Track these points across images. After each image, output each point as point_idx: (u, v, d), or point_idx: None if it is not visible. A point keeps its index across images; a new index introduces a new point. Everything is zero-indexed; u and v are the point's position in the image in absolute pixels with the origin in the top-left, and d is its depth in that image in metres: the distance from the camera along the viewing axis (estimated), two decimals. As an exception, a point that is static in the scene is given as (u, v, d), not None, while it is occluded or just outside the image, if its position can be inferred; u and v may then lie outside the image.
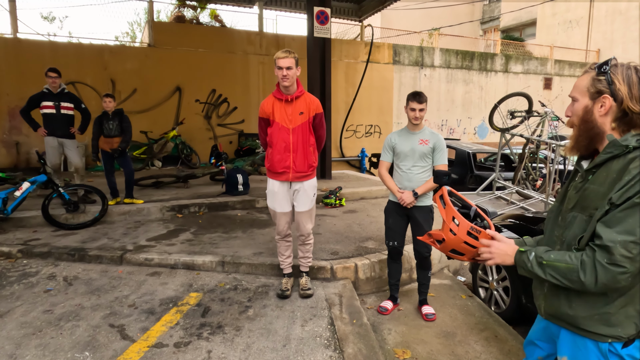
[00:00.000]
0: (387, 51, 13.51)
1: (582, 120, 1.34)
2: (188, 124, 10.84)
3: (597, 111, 1.31)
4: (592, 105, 1.32)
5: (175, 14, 12.11)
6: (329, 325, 2.97)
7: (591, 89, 1.32)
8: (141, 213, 5.65)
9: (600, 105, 1.30)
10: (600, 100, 1.30)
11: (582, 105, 1.34)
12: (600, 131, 1.32)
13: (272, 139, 3.26)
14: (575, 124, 1.37)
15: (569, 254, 1.28)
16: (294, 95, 3.22)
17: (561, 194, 1.51)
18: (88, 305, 3.16)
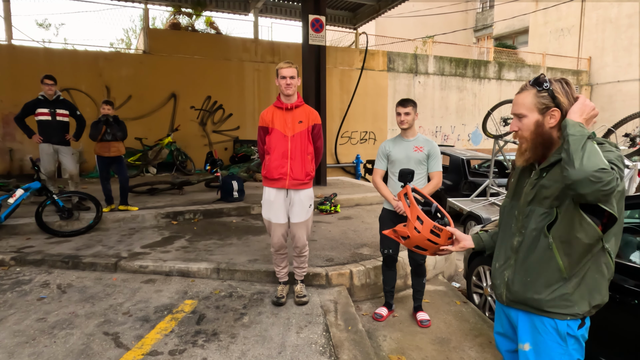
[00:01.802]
0: (381, 58, 13.62)
1: (536, 134, 1.48)
2: (183, 131, 10.84)
3: (547, 123, 1.46)
4: (542, 118, 1.46)
5: (171, 21, 12.15)
6: (324, 332, 2.97)
7: (538, 105, 1.46)
8: (136, 220, 5.64)
9: (550, 118, 1.46)
10: (549, 113, 1.45)
11: (533, 120, 1.48)
12: (552, 139, 1.49)
13: (270, 146, 3.29)
14: (526, 137, 1.50)
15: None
16: (294, 104, 3.29)
17: (512, 192, 1.67)
18: (82, 313, 3.14)
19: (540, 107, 1.46)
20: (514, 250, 1.59)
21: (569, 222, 1.42)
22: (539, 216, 1.49)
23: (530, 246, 1.52)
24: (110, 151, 5.68)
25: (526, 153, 1.51)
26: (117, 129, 5.67)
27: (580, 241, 1.41)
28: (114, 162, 5.79)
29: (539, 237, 1.49)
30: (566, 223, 1.42)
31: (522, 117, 1.49)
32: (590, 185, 1.23)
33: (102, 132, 5.60)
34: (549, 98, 1.44)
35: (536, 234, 1.50)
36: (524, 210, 1.55)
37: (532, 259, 1.51)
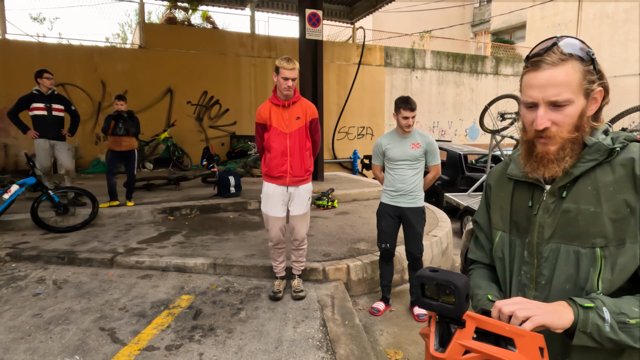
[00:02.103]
0: (378, 53, 13.57)
1: (575, 128, 0.96)
2: (179, 126, 10.80)
3: (589, 111, 0.98)
4: (587, 105, 0.97)
5: (167, 16, 12.07)
6: (321, 326, 2.97)
7: (586, 85, 0.95)
8: (132, 215, 5.61)
9: (593, 102, 0.98)
10: (593, 96, 0.97)
11: (579, 107, 0.95)
12: (583, 136, 0.98)
13: (270, 144, 3.27)
14: (564, 137, 0.96)
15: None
16: (291, 100, 3.27)
17: (507, 220, 1.11)
18: (78, 308, 3.13)
19: (587, 88, 0.95)
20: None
21: (624, 270, 0.91)
22: (570, 259, 0.97)
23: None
24: (122, 146, 5.71)
25: (565, 161, 0.97)
26: (130, 125, 5.73)
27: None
28: (125, 157, 5.82)
29: (574, 294, 0.95)
30: (623, 276, 0.91)
31: (564, 104, 0.94)
32: None
33: (112, 127, 5.63)
34: (594, 72, 0.95)
35: (570, 288, 0.97)
36: (541, 250, 1.01)
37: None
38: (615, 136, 0.99)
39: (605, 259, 0.92)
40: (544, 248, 1.01)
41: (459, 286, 0.81)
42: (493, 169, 1.24)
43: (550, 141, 0.97)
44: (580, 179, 0.98)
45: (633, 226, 0.91)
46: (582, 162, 0.97)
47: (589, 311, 0.86)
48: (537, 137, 0.98)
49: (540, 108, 0.96)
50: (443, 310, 0.84)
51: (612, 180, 0.94)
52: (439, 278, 0.83)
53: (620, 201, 0.92)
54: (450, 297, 0.82)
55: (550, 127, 0.96)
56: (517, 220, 1.09)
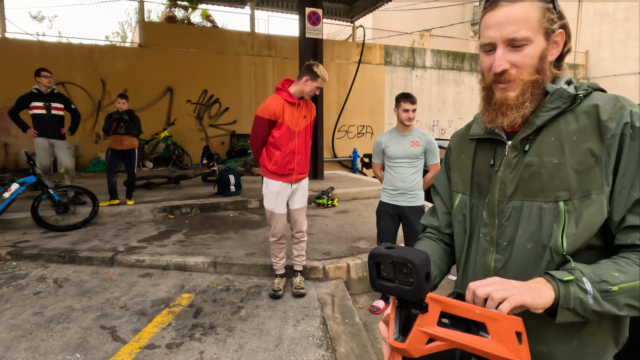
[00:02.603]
0: (378, 52, 13.56)
1: (536, 71, 0.91)
2: (179, 125, 10.80)
3: (550, 55, 0.93)
4: (547, 47, 0.92)
5: (167, 14, 12.06)
6: (322, 325, 2.98)
7: (546, 24, 0.90)
8: (132, 214, 5.62)
9: (553, 46, 0.93)
10: (553, 38, 0.92)
11: (539, 48, 0.90)
12: (544, 82, 0.93)
13: (279, 142, 3.28)
14: (524, 80, 0.91)
15: (630, 261, 0.83)
16: (301, 100, 3.32)
17: (467, 181, 1.05)
18: (79, 307, 3.14)
19: (547, 28, 0.90)
20: (492, 274, 0.96)
21: (590, 223, 0.85)
22: (532, 216, 0.90)
23: (524, 269, 0.92)
24: (123, 144, 5.73)
25: (524, 106, 0.92)
26: (132, 126, 5.76)
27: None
28: (126, 156, 5.84)
29: (537, 253, 0.90)
30: (588, 230, 0.85)
31: (523, 43, 0.89)
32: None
33: (114, 127, 5.65)
34: (554, 12, 0.91)
35: (533, 247, 0.90)
36: (503, 208, 0.95)
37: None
38: (577, 85, 0.94)
39: (569, 213, 0.86)
40: (506, 206, 0.95)
41: (417, 264, 0.70)
42: (455, 132, 1.19)
43: (509, 86, 0.92)
44: (543, 130, 0.93)
45: (599, 176, 0.85)
46: (543, 112, 0.92)
47: (569, 285, 0.79)
48: (496, 82, 0.94)
49: (499, 49, 0.91)
50: (401, 293, 0.73)
51: (576, 129, 0.89)
52: (394, 255, 0.72)
53: (585, 150, 0.87)
54: (408, 277, 0.72)
55: (509, 70, 0.91)
56: (478, 182, 1.03)
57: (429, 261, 0.73)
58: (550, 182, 0.89)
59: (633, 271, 0.80)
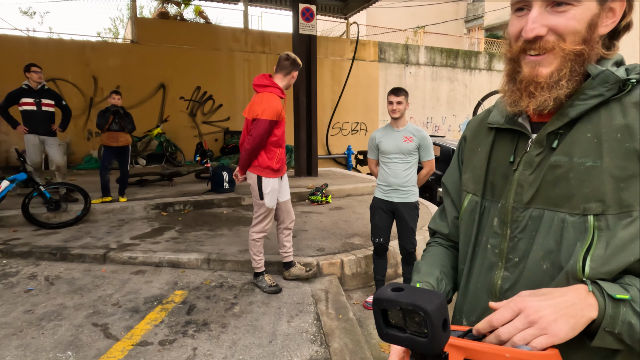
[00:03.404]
0: (372, 49, 13.55)
1: (585, 42, 0.71)
2: (172, 122, 10.73)
3: (602, 26, 0.73)
4: (599, 14, 0.72)
5: (159, 10, 11.95)
6: (315, 320, 2.98)
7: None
8: (125, 211, 5.58)
9: (607, 16, 0.73)
10: (609, 4, 0.72)
11: (589, 13, 0.71)
12: (589, 60, 0.73)
13: (282, 139, 3.32)
14: (562, 47, 0.71)
15: None
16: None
17: (481, 180, 0.87)
18: (70, 304, 3.11)
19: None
20: (497, 297, 0.81)
21: (625, 248, 0.66)
22: (552, 230, 0.74)
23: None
24: (119, 141, 5.73)
25: (559, 86, 0.72)
26: (127, 122, 5.73)
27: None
28: (120, 153, 5.82)
29: (554, 276, 0.73)
30: (623, 256, 0.66)
31: (568, 4, 0.70)
32: None
33: (110, 122, 5.60)
34: None
35: (549, 268, 0.74)
36: (517, 216, 0.79)
37: None
38: (631, 67, 0.74)
39: (599, 231, 0.68)
40: (522, 215, 0.77)
41: (430, 312, 0.57)
42: (472, 119, 0.99)
43: (544, 59, 0.72)
44: (578, 124, 0.73)
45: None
46: (581, 100, 0.72)
47: (620, 305, 0.63)
48: (525, 51, 0.74)
49: (534, 8, 0.71)
50: (414, 345, 0.60)
51: (622, 125, 0.69)
52: (403, 301, 0.59)
53: (631, 153, 0.67)
54: (421, 327, 0.59)
55: (545, 36, 0.71)
56: (493, 181, 0.85)
57: (445, 306, 0.60)
58: (580, 190, 0.70)
59: None
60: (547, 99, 0.72)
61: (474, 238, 0.88)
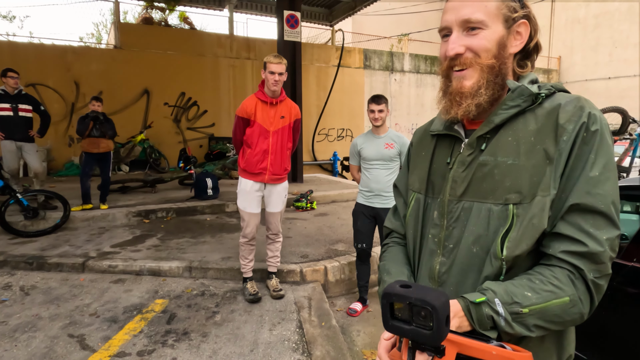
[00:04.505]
0: (357, 56, 13.65)
1: (494, 57, 0.87)
2: (156, 128, 10.61)
3: (511, 46, 0.89)
4: (507, 36, 0.88)
5: (143, 16, 11.86)
6: (298, 328, 2.95)
7: (505, 11, 0.87)
8: (106, 219, 5.48)
9: (515, 37, 0.89)
10: (515, 29, 0.88)
11: (497, 35, 0.86)
12: (505, 77, 0.89)
13: (252, 140, 3.26)
14: (478, 62, 0.87)
15: (544, 279, 0.79)
16: (279, 99, 3.28)
17: (424, 179, 1.01)
18: (46, 315, 3.02)
19: (507, 15, 0.87)
20: (436, 280, 0.93)
21: (532, 227, 0.80)
22: (481, 218, 0.86)
23: (465, 273, 0.88)
24: (100, 147, 5.64)
25: (479, 94, 0.87)
26: (107, 127, 5.67)
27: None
28: (101, 159, 5.73)
29: (481, 258, 0.85)
30: (530, 234, 0.80)
31: (478, 27, 0.86)
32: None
33: (90, 128, 5.51)
34: (518, 2, 0.89)
35: (478, 251, 0.86)
36: (452, 208, 0.91)
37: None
38: (542, 85, 0.90)
39: (517, 217, 0.81)
40: (455, 206, 0.90)
41: (438, 307, 0.64)
42: (418, 128, 1.14)
43: (466, 74, 0.87)
44: (502, 129, 0.87)
45: (548, 178, 0.80)
46: (503, 109, 0.87)
47: (481, 307, 0.77)
48: (451, 67, 0.89)
49: (454, 32, 0.88)
50: (418, 337, 0.67)
51: (534, 130, 0.84)
52: (412, 297, 0.66)
53: (540, 153, 0.82)
54: (427, 321, 0.66)
55: (464, 53, 0.87)
56: (434, 180, 0.98)
57: (449, 303, 0.68)
58: (502, 183, 0.84)
59: (545, 292, 0.77)
60: (470, 105, 0.87)
61: (420, 232, 1.00)
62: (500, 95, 0.89)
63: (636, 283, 2.20)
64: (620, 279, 2.27)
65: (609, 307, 2.27)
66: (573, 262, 0.78)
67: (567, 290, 0.77)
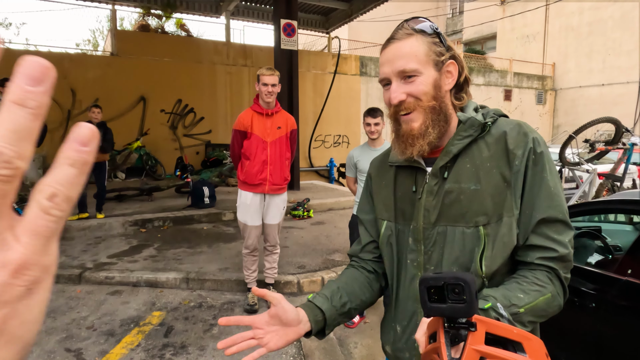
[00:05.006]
0: (354, 63, 13.72)
1: (433, 98, 0.95)
2: (153, 135, 10.60)
3: (445, 84, 0.98)
4: (440, 77, 0.97)
5: (140, 23, 11.88)
6: (295, 341, 2.95)
7: (434, 56, 0.95)
8: (102, 228, 5.46)
9: (447, 76, 0.98)
10: (445, 69, 0.97)
11: (431, 78, 0.95)
12: (449, 111, 0.99)
13: (250, 152, 3.31)
14: (425, 107, 0.95)
15: (529, 281, 0.91)
16: (274, 110, 3.34)
17: (391, 208, 1.08)
18: (42, 328, 3.01)
19: (436, 60, 0.96)
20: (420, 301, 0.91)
21: (503, 245, 0.93)
22: (456, 241, 0.96)
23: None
24: (96, 157, 5.55)
25: (428, 133, 0.96)
26: (101, 140, 5.54)
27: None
28: (96, 168, 5.69)
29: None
30: (502, 252, 0.93)
31: (413, 74, 0.95)
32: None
33: None
34: (442, 45, 0.97)
35: (458, 271, 0.95)
36: (428, 234, 0.99)
37: None
38: (485, 112, 1.01)
39: (488, 236, 0.93)
40: (431, 232, 0.99)
41: (469, 281, 0.73)
42: (374, 159, 1.23)
43: (412, 117, 0.96)
44: (459, 158, 0.98)
45: (510, 200, 0.92)
46: (458, 140, 0.97)
47: (488, 312, 0.84)
48: (398, 113, 0.98)
49: (393, 82, 0.97)
50: (455, 311, 0.75)
51: (488, 156, 0.95)
52: (446, 277, 0.75)
53: (497, 176, 0.93)
54: (461, 296, 0.74)
55: (406, 99, 0.96)
56: (402, 208, 1.06)
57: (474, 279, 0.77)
58: (470, 208, 0.94)
59: (533, 291, 0.89)
60: (422, 145, 0.96)
61: (395, 257, 1.07)
62: (446, 128, 0.99)
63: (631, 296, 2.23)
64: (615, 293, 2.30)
65: (605, 321, 2.30)
66: (549, 264, 0.92)
67: (548, 288, 0.91)
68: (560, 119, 18.33)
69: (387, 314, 1.15)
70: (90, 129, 0.26)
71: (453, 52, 0.99)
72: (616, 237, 3.14)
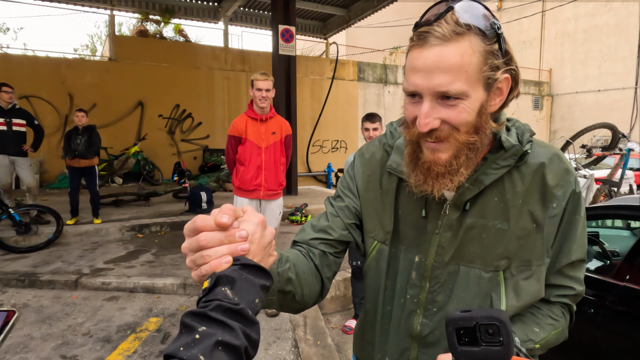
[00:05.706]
0: (351, 68, 13.77)
1: (475, 130, 0.72)
2: (150, 140, 10.59)
3: (491, 106, 0.74)
4: (487, 99, 0.72)
5: (138, 28, 11.90)
6: (293, 347, 2.94)
7: (487, 72, 0.70)
8: (99, 233, 5.44)
9: (496, 94, 0.74)
10: (496, 85, 0.72)
11: (478, 102, 0.71)
12: (486, 140, 0.76)
13: (244, 157, 3.31)
14: (457, 138, 0.72)
15: (544, 314, 0.85)
16: (268, 115, 3.34)
17: (391, 228, 0.89)
18: (38, 335, 2.99)
19: (488, 76, 0.70)
20: (418, 338, 0.87)
21: (529, 298, 0.82)
22: (470, 284, 0.82)
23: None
24: (80, 162, 5.53)
25: (459, 173, 0.74)
26: (87, 146, 5.50)
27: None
28: (85, 173, 5.65)
29: None
30: (527, 300, 0.82)
31: (458, 98, 0.69)
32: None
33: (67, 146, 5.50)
34: (499, 54, 0.71)
35: None
36: (438, 274, 0.84)
37: None
38: (519, 131, 0.81)
39: (506, 281, 0.80)
40: (442, 272, 0.83)
41: (505, 321, 0.65)
42: (364, 151, 0.97)
43: (441, 146, 0.73)
44: (487, 189, 0.79)
45: (540, 245, 0.79)
46: (493, 169, 0.78)
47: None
48: (422, 137, 0.74)
49: (426, 102, 0.70)
50: (490, 355, 0.66)
51: (522, 191, 0.79)
52: (478, 316, 0.66)
53: (527, 215, 0.79)
54: (496, 337, 0.65)
55: (440, 127, 0.71)
56: (404, 231, 0.87)
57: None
58: (492, 249, 0.80)
59: (547, 325, 0.84)
60: (446, 184, 0.74)
61: (383, 284, 0.91)
62: (478, 159, 0.78)
63: (629, 301, 2.22)
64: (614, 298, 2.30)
65: (603, 327, 2.29)
66: (564, 301, 0.87)
67: (561, 322, 0.86)
68: (556, 124, 18.43)
69: (367, 334, 0.98)
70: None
71: (512, 64, 0.73)
72: (614, 243, 3.14)
